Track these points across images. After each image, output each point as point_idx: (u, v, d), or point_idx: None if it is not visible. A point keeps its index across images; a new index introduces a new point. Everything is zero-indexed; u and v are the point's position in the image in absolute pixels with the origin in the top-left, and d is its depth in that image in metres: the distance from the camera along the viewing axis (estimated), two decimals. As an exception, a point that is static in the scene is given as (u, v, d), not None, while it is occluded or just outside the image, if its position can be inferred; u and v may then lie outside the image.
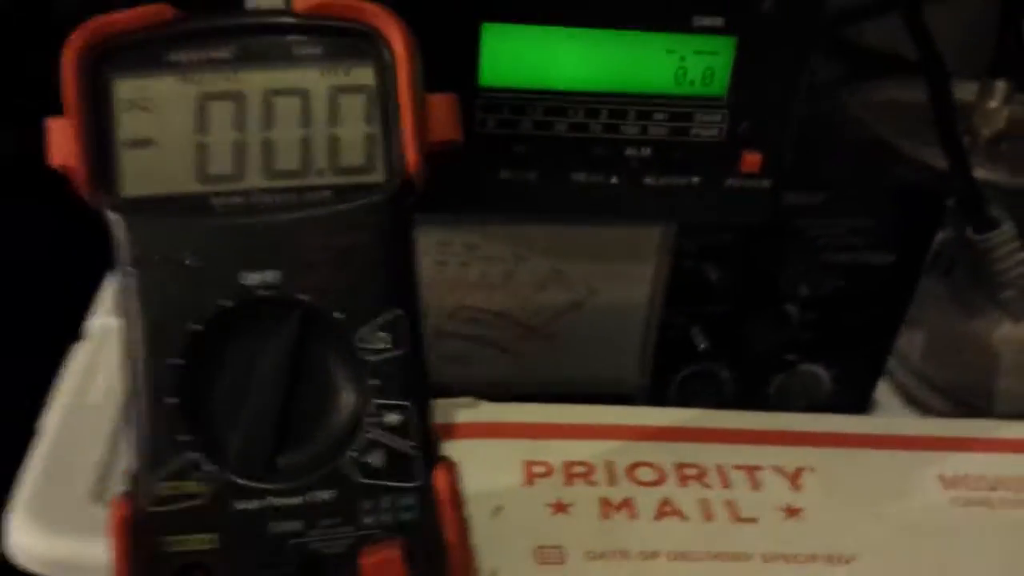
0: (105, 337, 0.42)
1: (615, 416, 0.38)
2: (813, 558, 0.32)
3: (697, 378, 0.46)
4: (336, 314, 0.25)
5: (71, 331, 0.44)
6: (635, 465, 0.35)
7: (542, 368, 0.44)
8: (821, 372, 0.47)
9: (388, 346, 0.25)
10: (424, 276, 0.26)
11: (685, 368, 0.45)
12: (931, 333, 0.59)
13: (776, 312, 0.44)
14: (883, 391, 0.50)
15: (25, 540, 0.32)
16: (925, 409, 0.61)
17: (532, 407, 0.38)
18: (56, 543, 0.31)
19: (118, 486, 0.34)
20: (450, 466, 0.26)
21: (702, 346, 0.44)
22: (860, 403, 0.49)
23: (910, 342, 0.58)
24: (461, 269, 0.41)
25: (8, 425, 0.45)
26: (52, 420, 0.37)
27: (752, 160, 0.33)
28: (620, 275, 0.42)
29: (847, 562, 0.32)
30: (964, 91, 0.62)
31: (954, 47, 0.46)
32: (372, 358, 0.25)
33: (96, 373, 0.40)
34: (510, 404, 0.38)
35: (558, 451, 0.36)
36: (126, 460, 0.35)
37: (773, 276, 0.43)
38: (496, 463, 0.35)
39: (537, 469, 0.35)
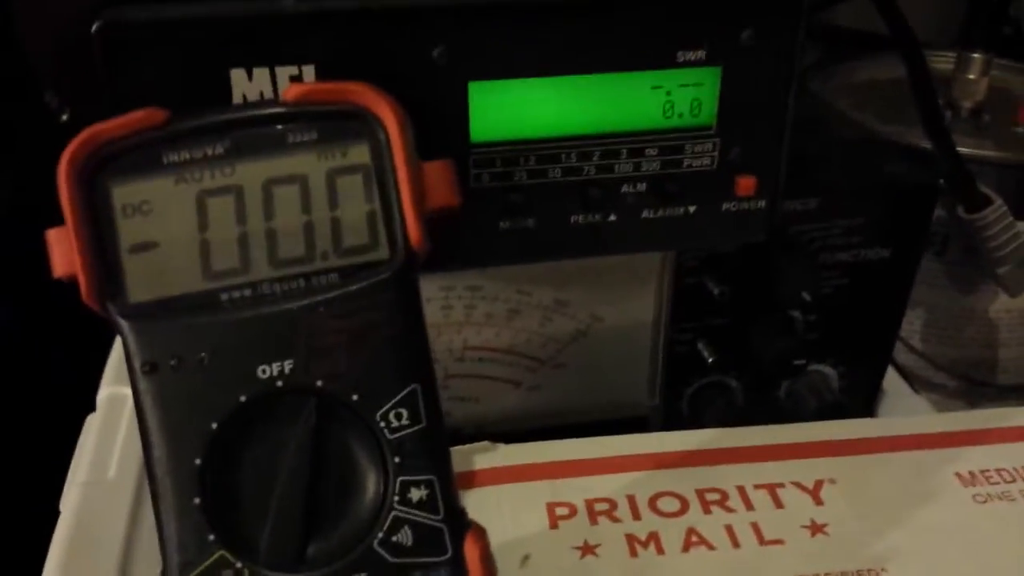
0: (116, 407, 0.42)
1: (631, 445, 0.38)
2: (843, 575, 0.32)
3: (708, 390, 0.46)
4: (353, 397, 0.25)
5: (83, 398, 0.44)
6: (657, 496, 0.36)
7: (553, 399, 0.44)
8: (829, 371, 0.48)
9: (407, 422, 0.25)
10: (430, 320, 0.27)
11: (695, 382, 0.46)
12: (930, 313, 0.59)
13: (780, 319, 0.45)
14: (888, 377, 0.50)
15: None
16: (930, 388, 0.61)
17: (549, 445, 0.38)
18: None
19: (143, 565, 0.34)
20: (479, 533, 0.26)
21: (710, 359, 0.44)
22: (869, 396, 0.49)
23: (910, 324, 0.59)
24: (466, 311, 0.41)
25: (29, 498, 0.45)
26: (72, 499, 0.37)
27: (747, 184, 0.33)
28: (622, 299, 0.43)
29: (877, 574, 0.33)
30: (939, 61, 0.63)
31: (924, 16, 0.45)
32: (392, 436, 0.25)
33: (112, 446, 0.40)
34: (527, 444, 0.38)
35: (579, 489, 0.36)
36: (148, 537, 0.35)
37: (774, 284, 0.43)
38: (519, 508, 0.35)
39: (560, 511, 0.35)
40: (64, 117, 0.55)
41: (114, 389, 0.43)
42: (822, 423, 0.40)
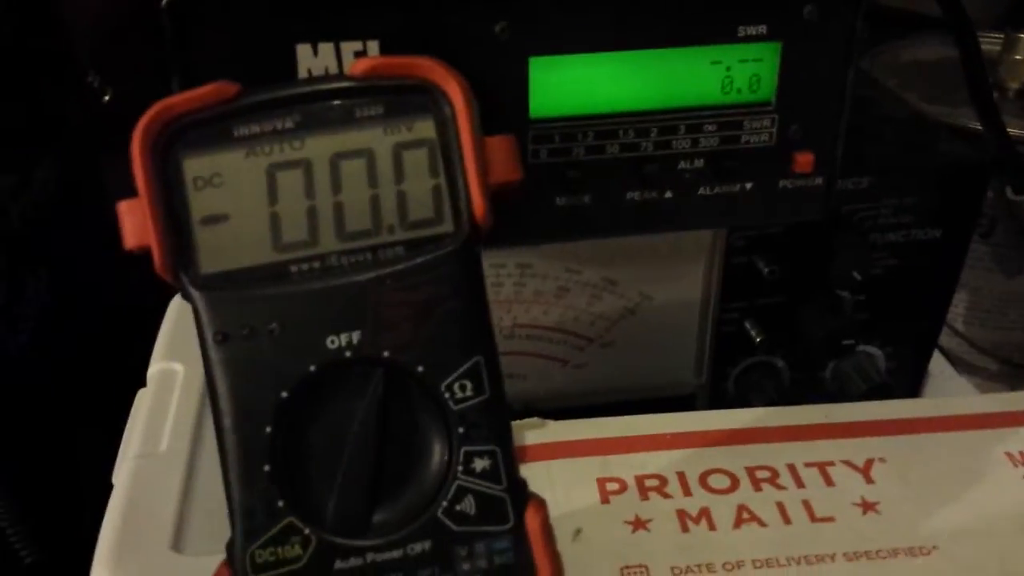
0: (167, 382, 0.43)
1: (681, 423, 0.38)
2: (895, 552, 0.32)
3: (754, 370, 0.46)
4: (419, 368, 0.25)
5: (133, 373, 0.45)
6: (707, 472, 0.36)
7: (600, 377, 0.44)
8: (876, 352, 0.47)
9: (471, 394, 0.26)
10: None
11: (741, 362, 0.46)
12: (974, 296, 0.59)
13: (829, 298, 0.45)
14: (933, 359, 0.50)
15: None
16: (972, 371, 0.61)
17: (599, 422, 0.38)
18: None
19: (195, 537, 0.35)
20: (539, 503, 0.26)
21: (758, 339, 0.44)
22: (915, 378, 0.49)
23: (953, 306, 0.58)
24: (515, 288, 0.41)
25: (83, 473, 0.46)
26: (125, 472, 0.38)
27: (804, 160, 0.33)
28: (672, 278, 0.43)
29: (928, 553, 0.33)
30: (987, 42, 0.62)
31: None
32: (457, 407, 0.25)
33: (163, 420, 0.41)
34: (577, 421, 0.38)
35: (629, 465, 0.36)
36: (200, 509, 0.36)
37: (824, 263, 0.43)
38: (570, 483, 0.35)
39: (611, 486, 0.35)
40: (106, 98, 0.56)
41: (164, 365, 0.44)
42: (871, 403, 0.40)
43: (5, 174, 0.53)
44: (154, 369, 0.44)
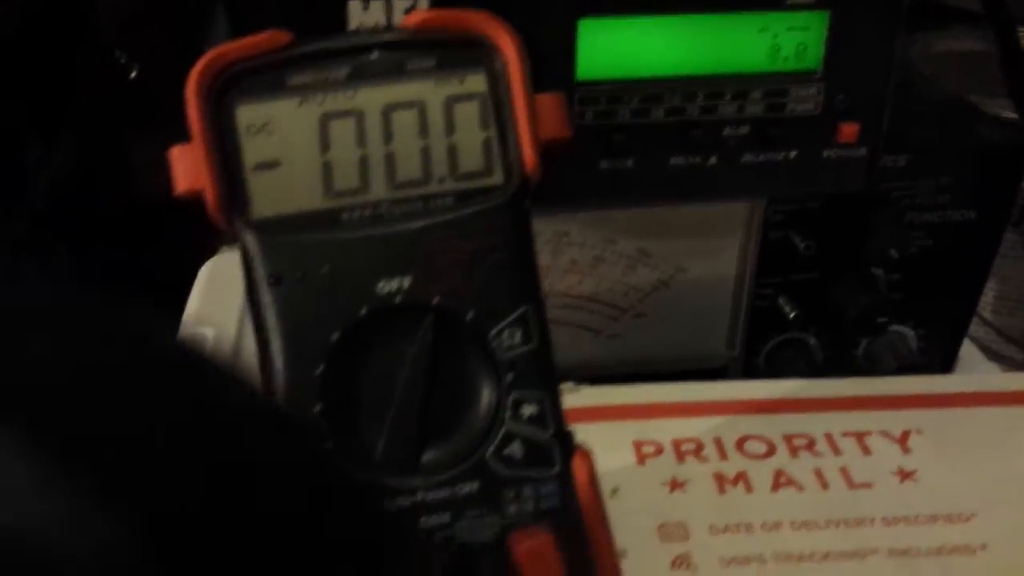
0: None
1: (716, 392, 0.38)
2: (933, 519, 0.33)
3: (786, 347, 0.46)
4: (468, 315, 0.25)
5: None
6: (744, 439, 0.36)
7: (632, 348, 0.44)
8: (908, 332, 0.47)
9: (519, 342, 0.26)
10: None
11: (774, 337, 0.46)
12: (1002, 284, 0.59)
13: (863, 276, 0.45)
14: (962, 346, 0.50)
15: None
16: (997, 360, 0.61)
17: (634, 388, 0.38)
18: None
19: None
20: (586, 453, 0.27)
21: (792, 315, 0.44)
22: (946, 360, 0.49)
23: (982, 294, 0.58)
24: (552, 257, 0.41)
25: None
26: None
27: (849, 130, 0.33)
28: (707, 251, 0.43)
29: (967, 520, 0.33)
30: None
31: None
32: (505, 354, 0.26)
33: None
34: (612, 387, 0.38)
35: (665, 430, 0.36)
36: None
37: (860, 241, 0.43)
38: (606, 445, 0.35)
39: (647, 449, 0.35)
40: (132, 74, 0.56)
41: (195, 329, 0.44)
42: (907, 377, 0.40)
43: (30, 148, 0.53)
44: (184, 333, 0.45)
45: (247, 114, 0.25)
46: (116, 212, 0.54)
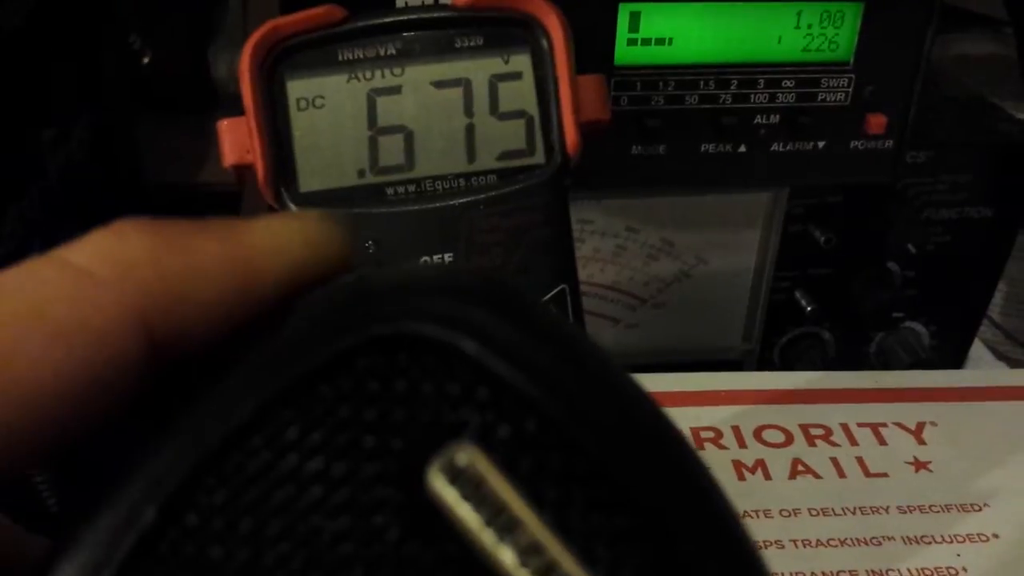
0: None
1: (735, 382, 0.39)
2: (948, 508, 0.33)
3: (801, 341, 0.47)
4: None
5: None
6: (761, 428, 0.36)
7: (650, 338, 0.45)
8: (921, 329, 0.48)
9: None
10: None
11: (789, 331, 0.46)
12: (1012, 287, 0.59)
13: (880, 271, 0.45)
14: (972, 346, 0.50)
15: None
16: (1007, 362, 0.61)
17: (652, 377, 0.39)
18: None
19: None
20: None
21: (808, 308, 0.45)
22: (957, 357, 0.50)
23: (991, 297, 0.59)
24: (575, 244, 0.41)
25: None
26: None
27: (878, 122, 0.33)
28: (728, 244, 0.43)
29: (979, 509, 0.33)
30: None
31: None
32: None
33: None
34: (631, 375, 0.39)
35: (683, 418, 0.37)
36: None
37: (878, 236, 0.43)
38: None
39: (668, 434, 0.36)
40: (145, 60, 0.57)
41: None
42: (921, 371, 0.41)
43: (46, 128, 0.54)
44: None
45: (298, 88, 0.26)
46: (127, 195, 0.54)
